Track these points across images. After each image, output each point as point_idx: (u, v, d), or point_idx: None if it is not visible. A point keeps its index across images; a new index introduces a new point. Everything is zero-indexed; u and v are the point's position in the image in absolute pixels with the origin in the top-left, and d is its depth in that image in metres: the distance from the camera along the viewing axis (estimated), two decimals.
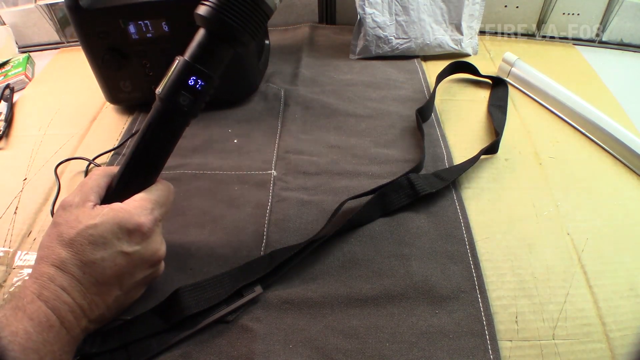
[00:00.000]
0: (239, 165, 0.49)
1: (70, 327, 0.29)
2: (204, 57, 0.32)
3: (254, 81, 0.59)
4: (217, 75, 0.33)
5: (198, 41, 0.32)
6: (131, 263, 0.31)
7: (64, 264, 0.29)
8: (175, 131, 0.34)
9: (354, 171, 0.48)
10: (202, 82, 0.32)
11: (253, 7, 0.32)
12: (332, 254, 0.40)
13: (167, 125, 0.33)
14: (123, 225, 0.31)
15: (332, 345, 0.33)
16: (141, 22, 0.49)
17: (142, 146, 0.33)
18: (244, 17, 0.32)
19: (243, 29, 0.32)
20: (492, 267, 0.39)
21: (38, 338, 0.27)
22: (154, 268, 0.34)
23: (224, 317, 0.35)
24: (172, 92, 0.32)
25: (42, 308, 0.28)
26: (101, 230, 0.30)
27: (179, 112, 0.32)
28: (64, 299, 0.29)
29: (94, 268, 0.30)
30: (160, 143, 0.34)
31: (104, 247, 0.30)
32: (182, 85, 0.32)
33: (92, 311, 0.30)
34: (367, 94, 0.60)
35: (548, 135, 0.54)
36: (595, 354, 0.34)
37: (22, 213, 0.45)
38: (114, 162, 0.50)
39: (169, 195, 0.35)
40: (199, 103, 0.33)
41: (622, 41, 0.73)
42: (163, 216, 0.34)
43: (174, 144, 0.34)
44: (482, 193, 0.46)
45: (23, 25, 0.72)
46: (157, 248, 0.33)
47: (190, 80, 0.32)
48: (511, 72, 0.62)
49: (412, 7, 0.66)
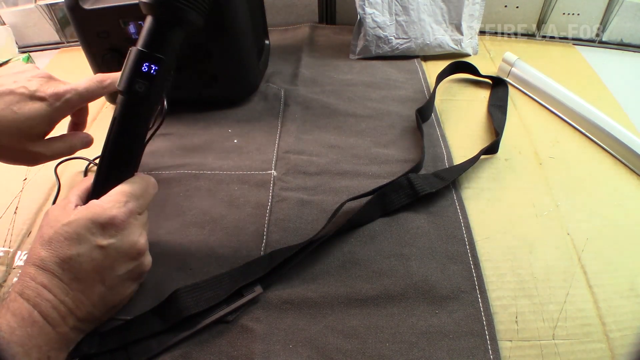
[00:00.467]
0: (239, 165, 0.49)
1: (56, 324, 0.29)
2: (153, 42, 0.32)
3: (254, 81, 0.59)
4: (171, 58, 0.33)
5: (147, 28, 0.33)
6: (108, 257, 0.32)
7: (44, 263, 0.30)
8: (140, 120, 0.34)
9: (354, 171, 0.48)
10: (156, 67, 0.32)
11: None
12: (332, 254, 0.40)
13: (131, 115, 0.33)
14: (95, 220, 0.31)
15: (332, 345, 0.33)
16: (141, 22, 0.48)
17: (111, 141, 0.33)
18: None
19: (187, 7, 0.32)
20: (492, 267, 0.39)
21: (22, 332, 0.27)
22: (137, 261, 0.34)
23: (224, 317, 0.35)
24: (128, 81, 0.32)
25: (23, 305, 0.28)
26: (75, 226, 0.31)
27: (138, 100, 0.33)
28: (46, 296, 0.29)
29: (71, 264, 0.30)
30: (128, 135, 0.34)
31: (79, 242, 0.31)
32: (136, 72, 0.32)
33: (79, 308, 0.31)
34: (367, 94, 0.60)
35: (548, 135, 0.54)
36: (595, 354, 0.34)
37: (22, 213, 0.45)
38: None
39: (147, 188, 0.35)
40: (156, 87, 0.33)
41: (622, 41, 0.73)
42: (141, 208, 0.34)
43: (143, 134, 0.35)
44: (482, 193, 0.46)
45: (23, 25, 0.72)
46: (134, 240, 0.33)
47: (144, 66, 0.32)
48: (511, 72, 0.62)
49: (412, 7, 0.66)
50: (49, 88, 0.36)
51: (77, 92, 0.37)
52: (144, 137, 0.35)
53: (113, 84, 0.38)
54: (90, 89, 0.38)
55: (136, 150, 0.35)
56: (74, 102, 0.37)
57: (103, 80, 0.38)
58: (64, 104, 0.36)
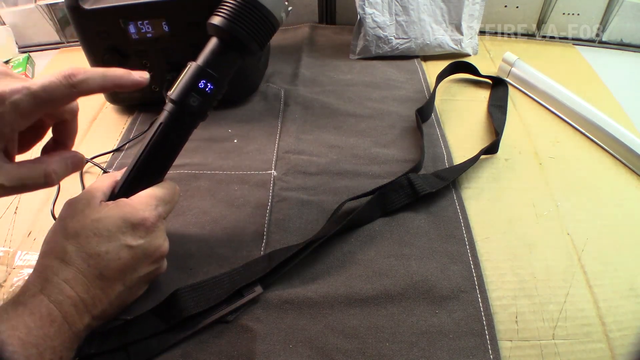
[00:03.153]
0: (239, 165, 0.49)
1: (73, 322, 0.29)
2: (214, 63, 0.35)
3: (254, 81, 0.59)
4: (226, 81, 0.36)
5: (210, 48, 0.36)
6: (135, 257, 0.32)
7: (69, 257, 0.29)
8: (184, 132, 0.36)
9: (354, 171, 0.48)
10: (212, 86, 0.35)
11: (262, 19, 0.35)
12: (332, 254, 0.40)
13: (177, 125, 0.35)
14: (127, 219, 0.31)
15: (332, 345, 0.33)
16: (141, 22, 0.49)
17: (152, 145, 0.34)
18: (253, 28, 0.35)
19: (252, 38, 0.35)
20: (492, 267, 0.39)
21: (39, 333, 0.26)
22: (157, 264, 0.35)
23: (224, 317, 0.35)
24: (183, 93, 0.34)
25: (44, 302, 0.28)
26: (106, 224, 0.30)
27: (188, 113, 0.35)
28: (67, 292, 0.29)
29: (98, 261, 0.30)
30: (169, 143, 0.35)
31: (109, 240, 0.30)
32: (193, 87, 0.34)
33: (95, 306, 0.30)
34: (367, 94, 0.60)
35: (548, 135, 0.54)
36: (595, 354, 0.34)
37: (22, 213, 0.45)
38: (113, 162, 0.50)
39: (174, 195, 0.36)
40: (207, 105, 0.35)
41: (622, 41, 0.73)
42: (167, 214, 0.35)
43: (182, 145, 0.36)
44: (482, 193, 0.46)
45: (23, 25, 0.72)
46: (160, 244, 0.34)
47: (201, 83, 0.34)
48: (511, 72, 0.62)
49: (412, 7, 0.66)
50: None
51: (30, 92, 0.26)
52: (181, 147, 0.36)
53: (86, 82, 0.28)
54: (50, 89, 0.27)
55: (172, 158, 0.36)
56: (25, 107, 0.26)
57: (72, 76, 0.28)
58: (10, 109, 0.26)
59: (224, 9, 0.35)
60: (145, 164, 0.35)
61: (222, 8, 0.35)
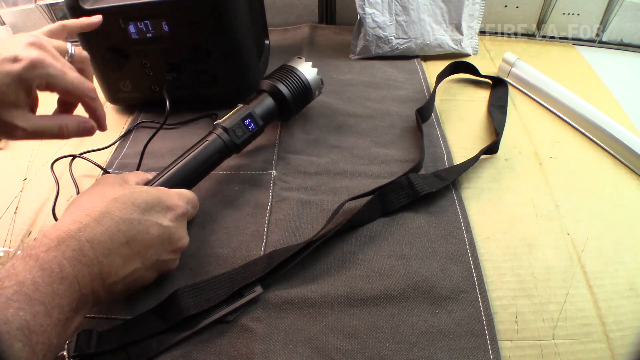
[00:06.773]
0: (239, 165, 0.49)
1: (84, 284, 0.28)
2: (261, 110, 0.47)
3: (254, 81, 0.59)
4: (264, 127, 0.47)
5: (261, 100, 0.47)
6: (161, 237, 0.33)
7: (102, 215, 0.30)
8: (223, 152, 0.43)
9: (354, 171, 0.48)
10: (254, 126, 0.45)
11: (305, 94, 0.50)
12: (332, 254, 0.40)
13: (219, 146, 0.43)
14: (163, 201, 0.34)
15: (332, 345, 0.33)
16: (141, 22, 0.49)
17: (194, 158, 0.41)
18: (298, 98, 0.49)
19: (295, 104, 0.49)
20: (492, 267, 0.39)
21: (47, 290, 0.26)
22: (175, 256, 0.36)
23: (224, 317, 0.35)
24: (233, 123, 0.44)
25: (57, 258, 0.27)
26: (146, 197, 0.33)
27: (230, 139, 0.43)
28: (86, 252, 0.29)
29: (129, 227, 0.31)
30: (206, 157, 0.42)
31: (144, 212, 0.33)
32: (241, 122, 0.45)
33: (110, 275, 0.30)
34: (367, 94, 0.60)
35: (548, 135, 0.54)
36: (595, 354, 0.34)
37: (22, 213, 0.45)
38: (113, 162, 0.50)
39: (196, 203, 0.41)
40: (246, 139, 0.45)
41: (622, 41, 0.73)
42: (191, 217, 0.39)
43: (213, 166, 0.43)
44: (482, 193, 0.46)
45: (23, 25, 0.72)
46: (183, 235, 0.36)
47: (247, 121, 0.45)
48: (511, 72, 0.62)
49: (412, 7, 0.66)
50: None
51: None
52: (212, 169, 0.43)
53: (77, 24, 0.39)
54: (53, 31, 0.37)
55: (202, 173, 0.42)
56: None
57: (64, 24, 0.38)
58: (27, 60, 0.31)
59: (287, 80, 0.48)
60: (183, 173, 0.40)
61: (285, 79, 0.48)
